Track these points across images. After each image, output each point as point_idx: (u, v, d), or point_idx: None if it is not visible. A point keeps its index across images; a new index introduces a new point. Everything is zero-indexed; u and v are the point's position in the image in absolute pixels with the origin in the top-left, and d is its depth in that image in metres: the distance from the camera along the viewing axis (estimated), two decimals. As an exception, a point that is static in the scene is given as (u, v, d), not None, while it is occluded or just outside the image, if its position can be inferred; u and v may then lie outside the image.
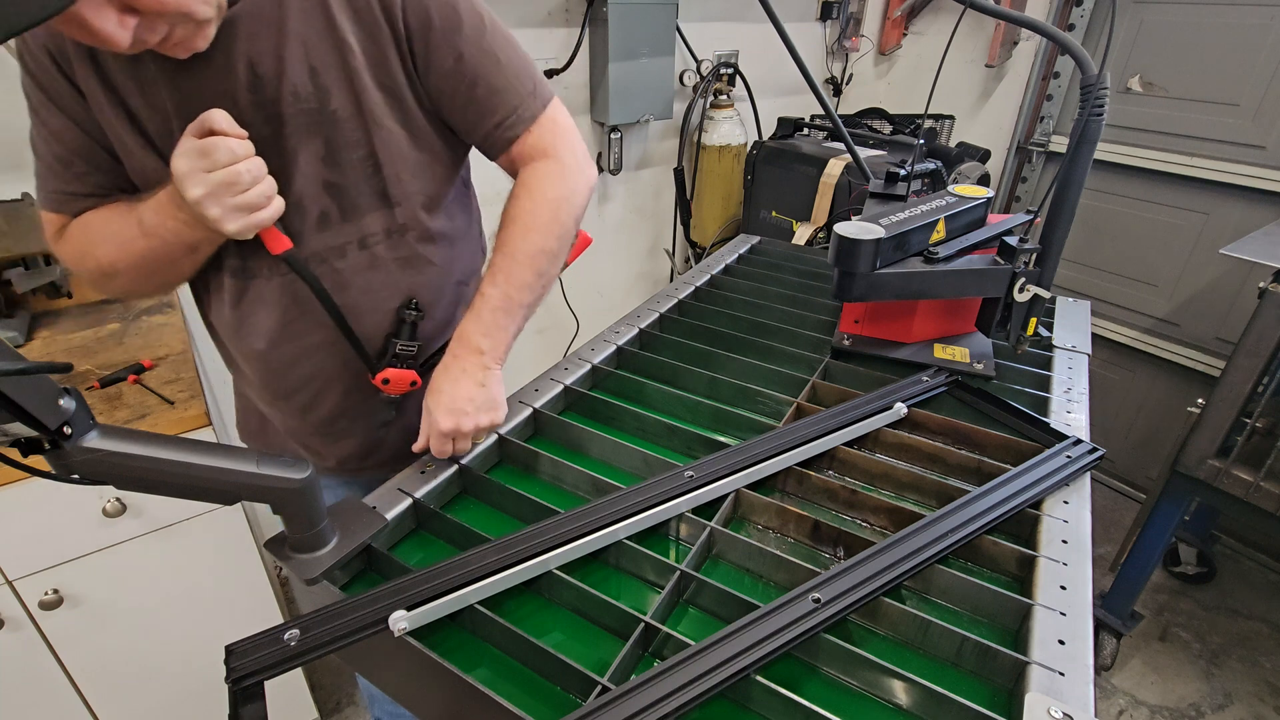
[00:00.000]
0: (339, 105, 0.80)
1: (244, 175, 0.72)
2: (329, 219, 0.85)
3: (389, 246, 0.90)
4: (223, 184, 0.70)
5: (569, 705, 0.64)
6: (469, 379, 0.87)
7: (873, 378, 1.11)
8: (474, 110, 0.87)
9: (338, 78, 0.79)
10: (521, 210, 0.89)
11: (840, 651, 0.66)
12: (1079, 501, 0.85)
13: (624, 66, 2.11)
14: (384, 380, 0.93)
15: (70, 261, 0.84)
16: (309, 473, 0.70)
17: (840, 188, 2.13)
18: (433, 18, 0.80)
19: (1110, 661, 2.03)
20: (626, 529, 0.79)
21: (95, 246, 0.81)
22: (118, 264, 0.80)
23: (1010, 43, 2.59)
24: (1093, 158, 0.97)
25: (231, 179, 0.71)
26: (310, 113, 0.79)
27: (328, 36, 0.77)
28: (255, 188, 0.73)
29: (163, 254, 0.79)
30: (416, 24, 0.80)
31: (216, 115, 0.71)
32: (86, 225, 0.82)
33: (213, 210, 0.71)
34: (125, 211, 0.79)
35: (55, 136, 0.78)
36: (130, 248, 0.79)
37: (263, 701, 0.64)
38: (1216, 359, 2.34)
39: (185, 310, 1.60)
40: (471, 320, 0.88)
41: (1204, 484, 1.70)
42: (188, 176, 0.70)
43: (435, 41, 0.82)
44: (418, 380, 0.95)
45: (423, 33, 0.81)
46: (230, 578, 1.33)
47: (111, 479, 0.57)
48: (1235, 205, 2.24)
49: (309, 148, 0.80)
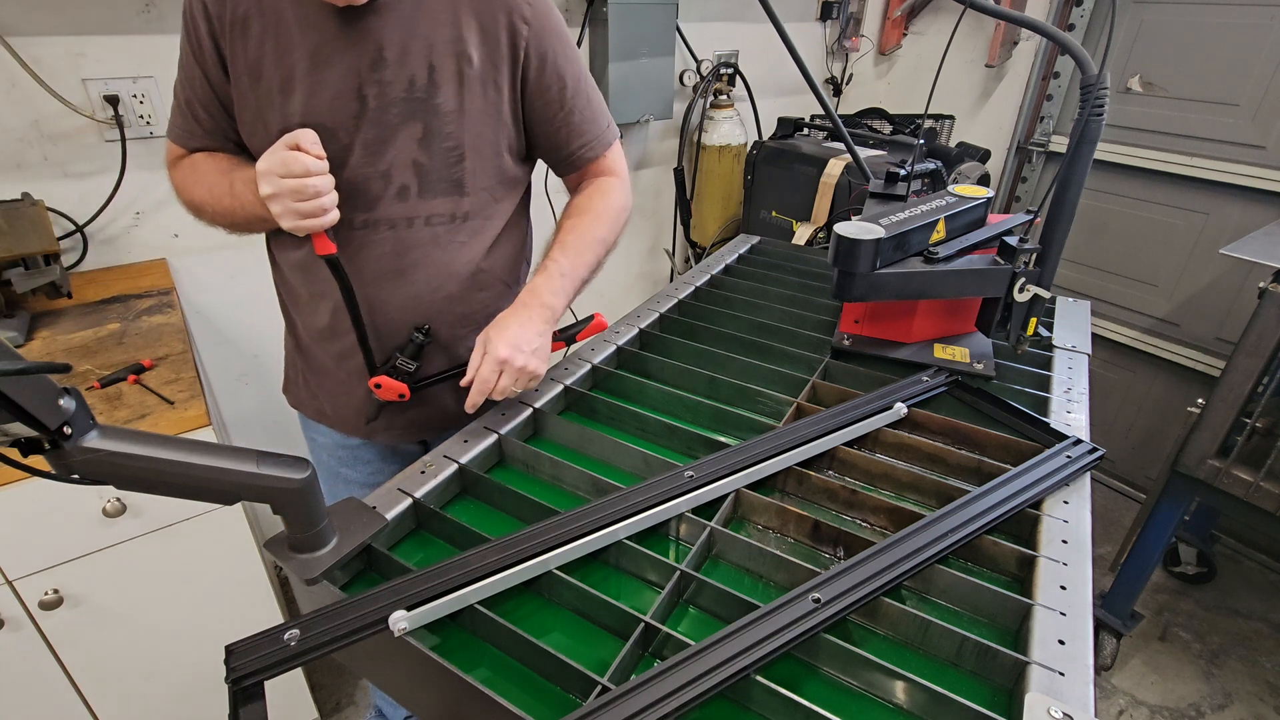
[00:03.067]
0: (444, 100, 0.93)
1: (308, 188, 0.83)
2: (408, 193, 0.96)
3: (449, 230, 1.00)
4: (290, 190, 0.83)
5: (569, 705, 0.64)
6: (534, 325, 0.95)
7: (873, 378, 1.11)
8: (565, 132, 1.03)
9: (451, 79, 0.92)
10: (594, 206, 1.06)
11: (840, 651, 0.66)
12: (1079, 501, 0.85)
13: (624, 66, 2.11)
14: (376, 385, 1.00)
15: (175, 187, 1.00)
16: (309, 473, 0.70)
17: (840, 188, 2.13)
18: (548, 52, 0.97)
19: (1110, 661, 2.03)
20: (626, 529, 0.79)
21: (195, 185, 0.97)
22: (207, 205, 0.96)
23: (1010, 43, 2.59)
24: (1093, 158, 0.98)
25: (299, 189, 0.83)
26: (419, 101, 0.92)
27: (452, 44, 0.91)
28: (316, 199, 0.84)
29: (241, 214, 0.93)
30: (535, 55, 0.96)
31: (306, 134, 0.83)
32: (194, 165, 0.98)
33: (275, 207, 0.84)
34: (225, 169, 0.94)
35: (189, 82, 0.94)
36: (220, 200, 0.94)
37: (263, 701, 0.64)
38: (1216, 359, 2.34)
39: (185, 310, 1.61)
40: (543, 278, 0.99)
41: (1204, 484, 1.70)
42: (264, 175, 0.83)
43: (548, 72, 0.98)
44: (406, 395, 1.02)
45: (539, 63, 0.97)
46: (230, 578, 1.32)
47: (111, 479, 0.57)
48: (1235, 205, 2.24)
49: (409, 129, 0.93)
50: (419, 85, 0.91)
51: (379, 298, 1.01)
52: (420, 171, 0.95)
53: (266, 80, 0.90)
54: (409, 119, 0.92)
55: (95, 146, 1.46)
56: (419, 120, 0.92)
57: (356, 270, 0.98)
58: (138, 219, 1.56)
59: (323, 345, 1.07)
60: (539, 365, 0.94)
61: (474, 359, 0.93)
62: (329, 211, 0.86)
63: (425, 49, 0.90)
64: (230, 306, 1.75)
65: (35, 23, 1.33)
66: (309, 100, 0.89)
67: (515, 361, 0.91)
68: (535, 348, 0.94)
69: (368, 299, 1.00)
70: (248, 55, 0.89)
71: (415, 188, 0.96)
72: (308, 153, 0.82)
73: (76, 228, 1.47)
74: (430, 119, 0.93)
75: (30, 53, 1.34)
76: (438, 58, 0.91)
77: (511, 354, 0.91)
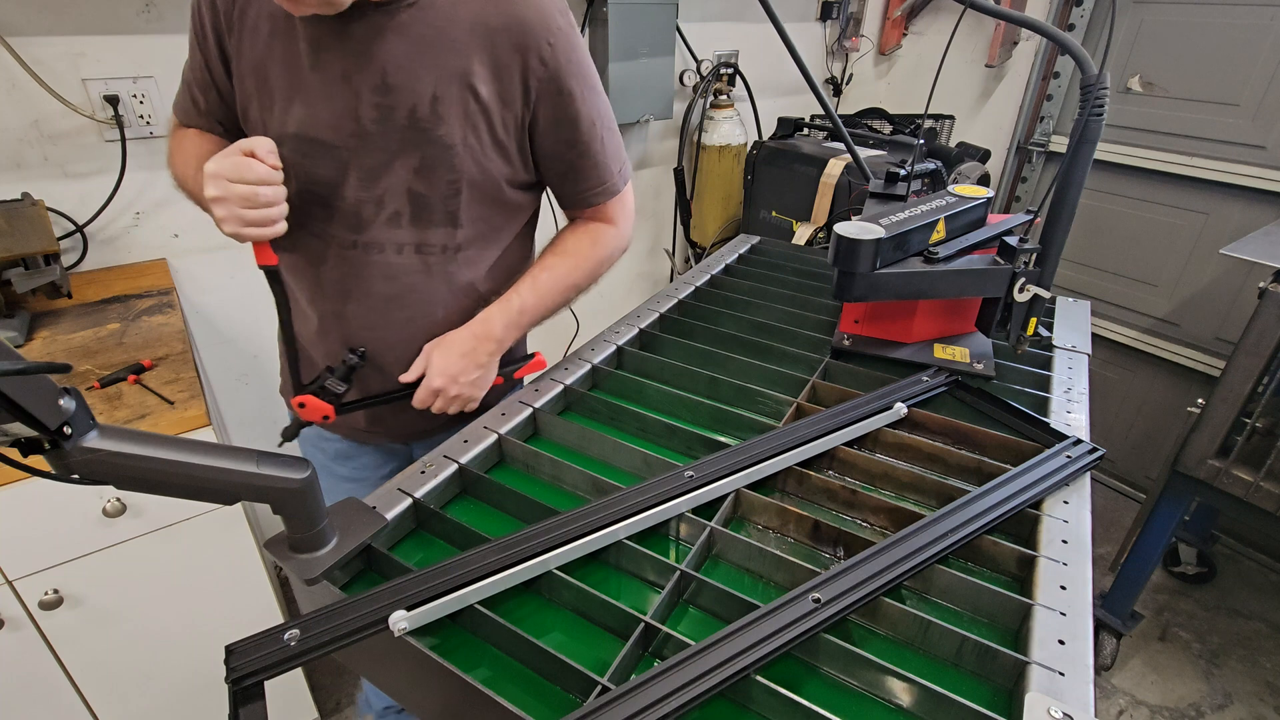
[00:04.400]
0: (447, 133, 0.88)
1: (259, 197, 0.80)
2: (400, 219, 0.94)
3: (441, 259, 0.98)
4: (240, 197, 0.80)
5: (569, 705, 0.64)
6: (477, 357, 0.96)
7: (873, 378, 1.11)
8: (573, 175, 1.00)
9: (456, 113, 0.88)
10: (581, 249, 1.04)
11: (840, 651, 0.66)
12: (1079, 501, 0.85)
13: (624, 66, 2.11)
14: (300, 404, 0.95)
15: (168, 156, 1.01)
16: (309, 473, 0.70)
17: (840, 188, 2.13)
18: (565, 92, 0.91)
19: (1110, 661, 2.03)
20: (626, 529, 0.79)
21: (178, 159, 0.98)
22: (184, 182, 0.97)
23: (1010, 43, 2.59)
24: (1093, 158, 0.97)
25: (249, 196, 0.80)
26: (421, 130, 0.88)
27: (460, 76, 0.87)
28: (265, 209, 0.82)
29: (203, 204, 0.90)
30: (550, 95, 0.91)
31: (263, 142, 0.81)
32: (182, 139, 0.99)
33: (219, 210, 0.81)
34: (203, 151, 0.92)
35: (191, 65, 0.95)
36: (187, 182, 0.96)
37: (263, 701, 0.64)
38: (1216, 359, 2.34)
39: (185, 310, 1.61)
40: (500, 311, 0.98)
41: (1204, 484, 1.70)
42: (213, 178, 0.79)
43: (562, 113, 0.92)
44: (331, 416, 0.97)
45: (553, 103, 0.91)
46: (230, 578, 1.32)
47: (111, 479, 0.57)
48: (1235, 205, 2.24)
49: (408, 157, 0.89)
50: (421, 114, 0.87)
51: (366, 320, 0.99)
52: (415, 200, 0.92)
53: (271, 85, 0.88)
54: (408, 147, 0.89)
55: (95, 146, 1.46)
56: (418, 150, 0.89)
57: (343, 290, 0.97)
58: (138, 219, 1.56)
59: (314, 347, 1.07)
60: (475, 396, 0.98)
61: (416, 365, 0.97)
62: (276, 223, 0.83)
63: (432, 77, 0.86)
64: (230, 306, 1.75)
65: (35, 23, 1.33)
66: (309, 113, 0.87)
67: (449, 391, 0.95)
68: (473, 379, 0.96)
69: (353, 319, 0.99)
70: (255, 56, 0.88)
71: (408, 215, 0.93)
72: (262, 161, 0.80)
73: (76, 228, 1.47)
74: (429, 149, 0.89)
75: (30, 53, 1.34)
76: (443, 88, 0.87)
77: (446, 385, 0.95)
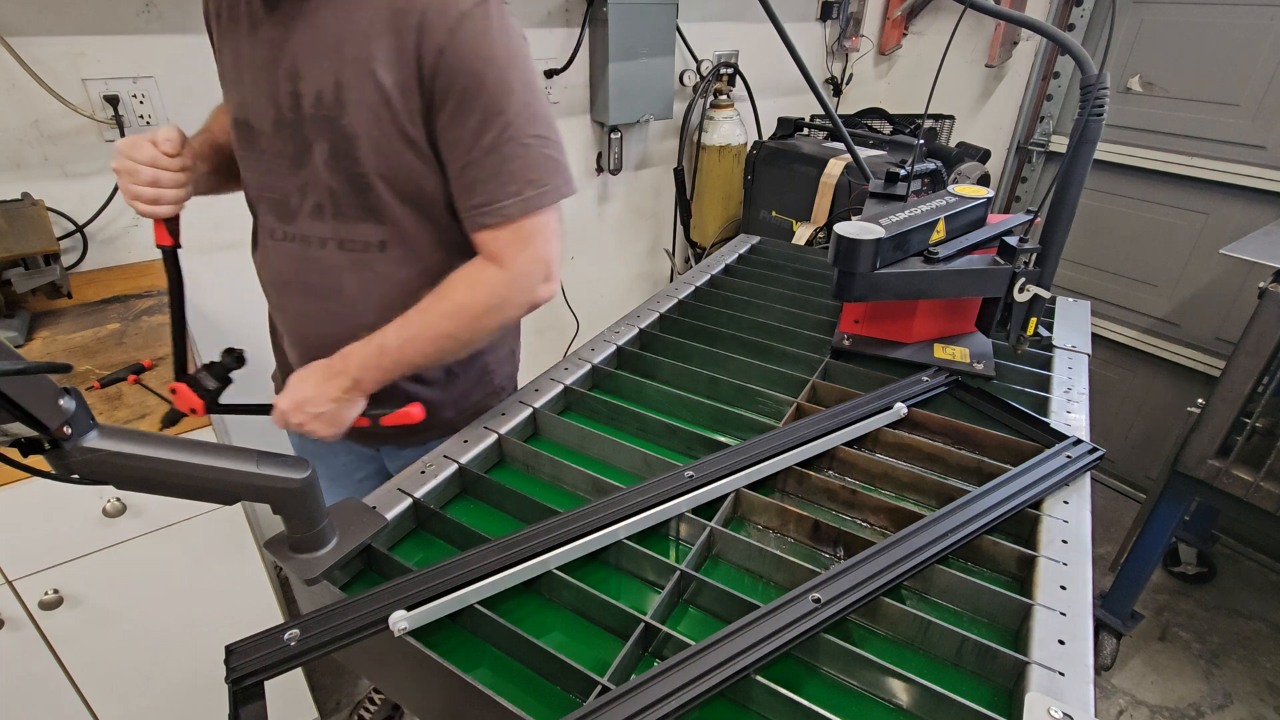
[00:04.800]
0: (350, 122, 0.85)
1: (140, 174, 0.85)
2: (323, 211, 0.92)
3: (366, 256, 0.94)
4: (126, 170, 0.86)
5: (569, 705, 0.64)
6: (328, 392, 0.91)
7: (873, 378, 1.11)
8: (461, 184, 0.88)
9: (358, 100, 0.84)
10: (456, 296, 0.90)
11: (840, 651, 0.66)
12: (1079, 501, 0.85)
13: (624, 66, 2.10)
14: (172, 390, 0.96)
15: None
16: (309, 473, 0.70)
17: (840, 188, 2.13)
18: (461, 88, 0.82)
19: (1110, 661, 2.03)
20: (626, 529, 0.79)
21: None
22: None
23: (1010, 43, 2.59)
24: (1093, 158, 0.98)
25: (130, 170, 0.85)
26: (326, 119, 0.86)
27: (363, 63, 0.82)
28: (143, 188, 0.86)
29: None
30: (442, 89, 0.82)
31: (166, 129, 0.86)
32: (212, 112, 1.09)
33: (119, 180, 0.88)
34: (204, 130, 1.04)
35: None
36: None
37: (263, 701, 0.64)
38: (1216, 359, 2.34)
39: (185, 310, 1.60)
40: (361, 349, 0.91)
41: (1204, 484, 1.70)
42: (115, 152, 0.87)
43: (457, 110, 0.83)
44: (199, 410, 0.96)
45: (444, 97, 0.82)
46: (230, 578, 1.32)
47: (111, 479, 0.57)
48: (1235, 205, 2.24)
49: (320, 147, 0.88)
50: (326, 102, 0.84)
51: (300, 312, 1.00)
52: (332, 194, 0.90)
53: (225, 70, 0.94)
54: (319, 137, 0.87)
55: (95, 146, 1.46)
56: (327, 140, 0.86)
57: (282, 281, 0.99)
58: (137, 219, 1.56)
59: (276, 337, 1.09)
60: (319, 429, 0.93)
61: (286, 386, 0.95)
62: (160, 205, 0.88)
63: (335, 63, 0.83)
64: (230, 306, 1.75)
65: (35, 23, 1.33)
66: (242, 99, 0.91)
67: (293, 419, 0.92)
68: (321, 412, 0.92)
69: (289, 311, 1.01)
70: (220, 41, 0.93)
71: (329, 209, 0.91)
72: (157, 144, 0.85)
73: (76, 228, 1.47)
74: (335, 139, 0.86)
75: (30, 53, 1.34)
76: (345, 75, 0.83)
77: (292, 411, 0.91)
